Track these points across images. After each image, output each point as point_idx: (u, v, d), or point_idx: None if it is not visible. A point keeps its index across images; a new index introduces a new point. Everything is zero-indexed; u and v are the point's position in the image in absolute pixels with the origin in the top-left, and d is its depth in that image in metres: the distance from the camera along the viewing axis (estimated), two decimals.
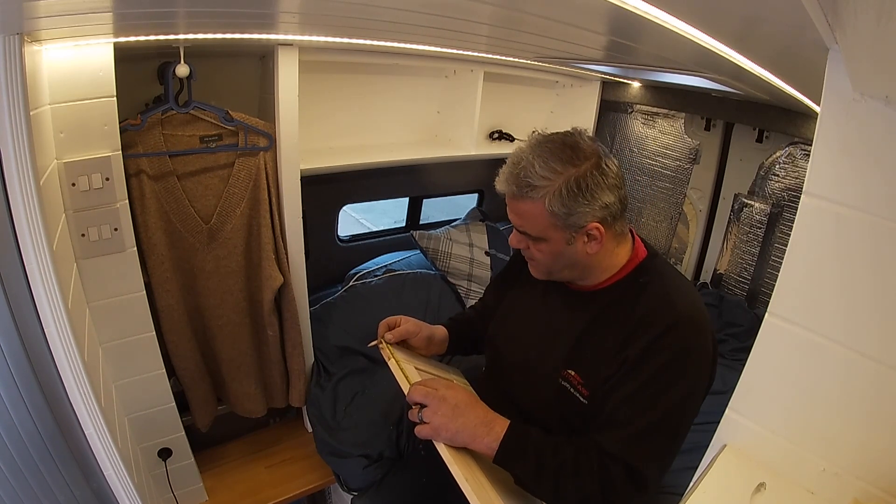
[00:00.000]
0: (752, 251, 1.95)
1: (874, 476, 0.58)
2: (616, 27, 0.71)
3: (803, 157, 1.77)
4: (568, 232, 0.87)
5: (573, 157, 0.85)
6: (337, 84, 1.64)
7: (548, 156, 0.85)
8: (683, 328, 0.85)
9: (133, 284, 1.13)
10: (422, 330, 1.15)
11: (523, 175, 0.85)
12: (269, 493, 1.47)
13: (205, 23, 0.87)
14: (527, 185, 0.85)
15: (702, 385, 0.88)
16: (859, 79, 0.49)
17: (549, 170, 0.84)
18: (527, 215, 0.88)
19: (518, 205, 0.88)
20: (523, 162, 0.86)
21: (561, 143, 0.86)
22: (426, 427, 0.84)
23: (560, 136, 0.88)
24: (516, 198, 0.88)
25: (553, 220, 0.86)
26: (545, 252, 0.91)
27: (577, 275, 0.96)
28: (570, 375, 0.94)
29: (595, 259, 0.92)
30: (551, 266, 0.94)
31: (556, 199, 0.84)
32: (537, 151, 0.86)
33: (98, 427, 0.88)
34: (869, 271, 0.55)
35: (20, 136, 0.71)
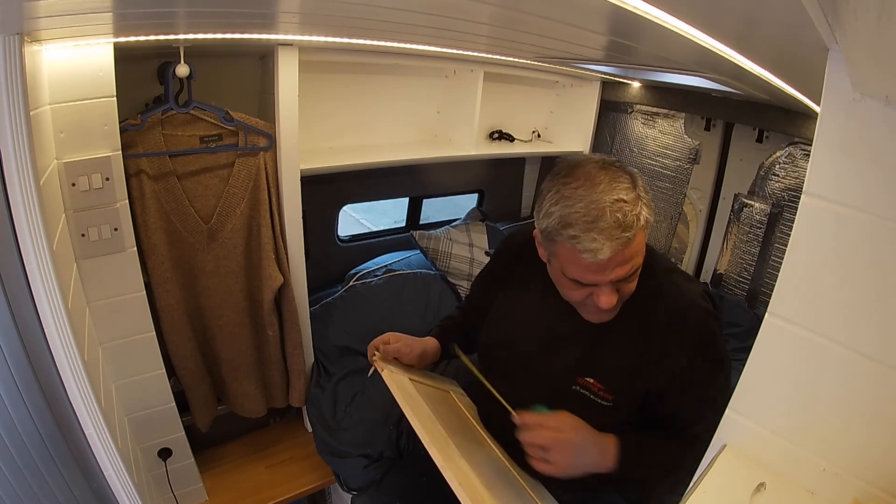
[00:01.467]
0: (752, 251, 1.95)
1: (874, 476, 0.58)
2: (616, 27, 0.70)
3: (803, 157, 1.77)
4: None
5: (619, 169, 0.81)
6: (337, 84, 1.64)
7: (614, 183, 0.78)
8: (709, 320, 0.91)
9: (133, 284, 1.13)
10: (413, 349, 1.12)
11: (622, 216, 0.76)
12: (269, 493, 1.47)
13: (205, 23, 0.87)
14: (634, 220, 0.76)
15: None
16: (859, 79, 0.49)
17: (629, 191, 0.78)
18: (638, 251, 0.80)
19: (630, 249, 0.78)
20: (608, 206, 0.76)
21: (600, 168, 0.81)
22: (550, 467, 0.84)
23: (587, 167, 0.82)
24: (629, 242, 0.77)
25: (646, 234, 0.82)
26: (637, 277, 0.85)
27: None
28: (588, 383, 0.93)
29: None
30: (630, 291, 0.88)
31: (647, 209, 0.80)
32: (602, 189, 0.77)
33: (98, 427, 0.88)
34: (869, 271, 0.55)
35: (20, 136, 0.71)
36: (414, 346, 1.13)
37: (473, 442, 1.07)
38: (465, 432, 1.08)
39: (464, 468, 0.88)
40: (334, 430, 1.44)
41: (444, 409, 1.11)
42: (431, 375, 1.25)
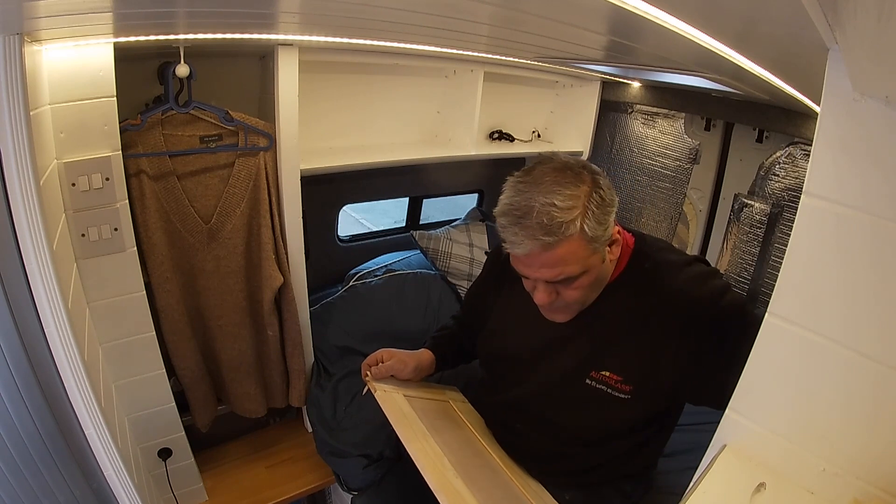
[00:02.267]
0: (752, 251, 1.95)
1: (874, 476, 0.58)
2: (616, 27, 0.70)
3: (803, 157, 1.77)
4: (602, 250, 0.84)
5: (575, 175, 0.80)
6: (337, 84, 1.64)
7: (556, 187, 0.78)
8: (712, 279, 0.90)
9: (133, 284, 1.13)
10: (407, 364, 1.11)
11: (548, 220, 0.76)
12: (269, 493, 1.47)
13: (205, 23, 0.87)
14: (559, 226, 0.77)
15: None
16: (859, 79, 0.49)
17: (567, 198, 0.78)
18: (566, 258, 0.80)
19: (552, 254, 0.79)
20: (536, 207, 0.77)
21: (553, 171, 0.81)
22: None
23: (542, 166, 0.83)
24: (551, 247, 0.78)
25: (592, 246, 0.81)
26: (583, 286, 0.85)
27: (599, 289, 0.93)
28: (603, 376, 0.93)
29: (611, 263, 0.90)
30: (586, 298, 0.89)
31: (591, 222, 0.79)
32: (540, 190, 0.78)
33: (98, 427, 0.88)
34: (869, 271, 0.55)
35: (20, 136, 0.71)
36: (408, 362, 1.12)
37: (472, 454, 1.06)
38: (464, 444, 1.07)
39: (460, 489, 0.89)
40: (334, 430, 1.44)
41: (441, 421, 1.10)
42: (429, 386, 1.24)
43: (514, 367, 1.08)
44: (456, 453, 0.98)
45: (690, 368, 0.89)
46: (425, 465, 0.91)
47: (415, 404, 1.09)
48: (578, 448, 1.01)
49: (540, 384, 1.02)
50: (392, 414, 1.02)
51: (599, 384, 0.94)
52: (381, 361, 1.12)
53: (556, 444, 1.03)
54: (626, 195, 2.32)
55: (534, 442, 1.05)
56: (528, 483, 1.06)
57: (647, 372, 0.90)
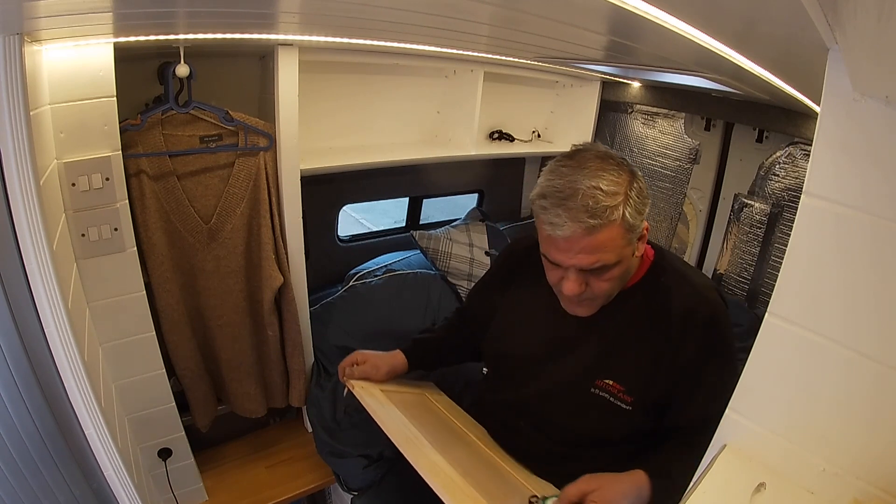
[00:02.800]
0: (752, 251, 1.95)
1: (874, 476, 0.58)
2: (616, 27, 0.70)
3: (803, 157, 1.77)
4: (634, 242, 0.84)
5: (618, 164, 0.81)
6: (337, 84, 1.64)
7: (601, 172, 0.78)
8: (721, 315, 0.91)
9: (133, 284, 1.13)
10: (380, 368, 1.13)
11: (593, 203, 0.76)
12: (269, 493, 1.47)
13: (205, 23, 0.87)
14: (604, 210, 0.76)
15: None
16: (859, 79, 0.49)
17: (614, 184, 0.78)
18: (606, 244, 0.79)
19: (593, 239, 0.78)
20: (582, 189, 0.77)
21: (597, 157, 0.81)
22: None
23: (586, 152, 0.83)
24: (594, 230, 0.77)
25: (629, 236, 0.81)
26: (614, 278, 0.84)
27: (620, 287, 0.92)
28: (607, 385, 0.93)
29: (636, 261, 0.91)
30: (613, 291, 0.88)
31: (631, 210, 0.80)
32: (586, 174, 0.78)
33: (98, 427, 0.88)
34: (869, 271, 0.55)
35: (20, 136, 0.71)
36: (380, 366, 1.13)
37: (451, 436, 1.09)
38: (442, 428, 1.10)
39: (437, 461, 0.92)
40: (334, 431, 1.44)
41: (419, 410, 1.14)
42: (405, 382, 1.27)
43: (518, 368, 1.08)
44: (434, 435, 1.02)
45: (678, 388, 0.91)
46: (403, 443, 0.95)
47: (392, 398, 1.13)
48: (580, 451, 1.00)
49: (544, 387, 1.02)
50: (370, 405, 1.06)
51: (603, 392, 0.93)
52: (357, 363, 1.13)
53: (557, 446, 1.03)
54: None
55: (534, 442, 1.05)
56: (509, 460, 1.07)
57: (647, 385, 0.91)
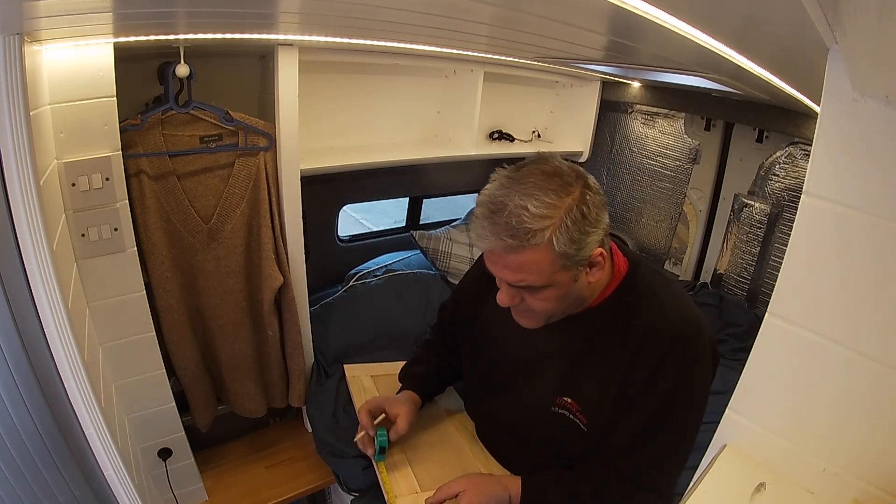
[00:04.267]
0: (752, 251, 1.95)
1: (874, 476, 0.58)
2: (616, 27, 0.70)
3: (803, 157, 1.77)
4: (575, 269, 0.78)
5: (563, 185, 0.75)
6: (337, 84, 1.64)
7: (536, 192, 0.74)
8: (684, 343, 0.82)
9: (133, 284, 1.13)
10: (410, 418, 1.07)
11: (517, 222, 0.73)
12: (269, 493, 1.47)
13: (205, 23, 0.87)
14: (526, 233, 0.73)
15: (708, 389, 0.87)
16: (859, 79, 0.49)
17: (544, 206, 0.73)
18: (528, 266, 0.76)
19: (515, 258, 0.76)
20: (509, 206, 0.74)
21: (541, 174, 0.76)
22: None
23: (534, 166, 0.78)
24: (513, 250, 0.75)
25: (562, 262, 0.76)
26: (550, 299, 0.81)
27: (575, 308, 0.88)
28: (566, 403, 0.91)
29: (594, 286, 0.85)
30: (553, 311, 0.85)
31: (563, 237, 0.74)
32: (520, 190, 0.74)
33: (98, 427, 0.88)
34: (869, 271, 0.55)
35: (20, 136, 0.71)
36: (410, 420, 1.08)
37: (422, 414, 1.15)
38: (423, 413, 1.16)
39: None
40: (334, 431, 1.44)
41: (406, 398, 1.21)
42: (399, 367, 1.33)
43: (490, 380, 1.07)
44: None
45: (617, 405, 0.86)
46: None
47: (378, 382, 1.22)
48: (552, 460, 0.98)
49: (512, 403, 1.02)
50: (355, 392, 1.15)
51: (562, 410, 0.92)
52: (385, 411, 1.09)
53: (532, 457, 1.02)
54: (626, 195, 2.32)
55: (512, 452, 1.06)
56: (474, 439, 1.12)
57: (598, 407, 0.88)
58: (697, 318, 0.86)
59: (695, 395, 0.84)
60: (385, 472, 1.03)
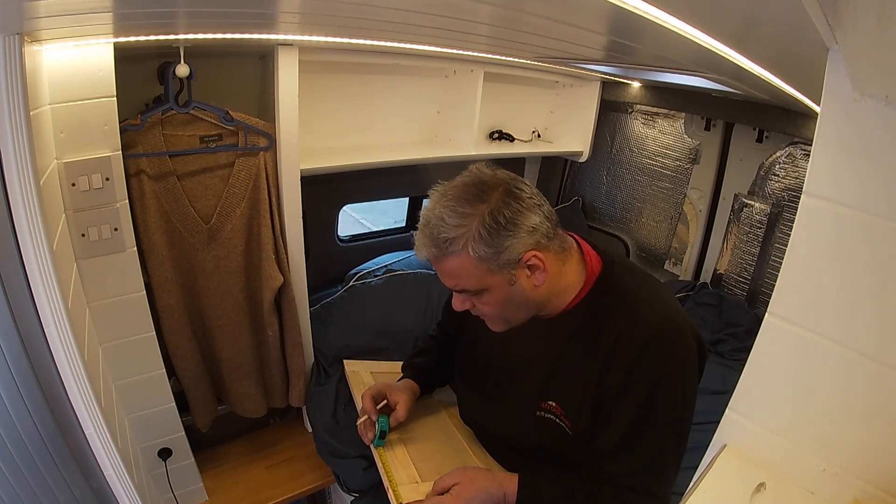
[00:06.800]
0: (752, 251, 1.95)
1: (874, 476, 0.58)
2: (616, 27, 0.71)
3: (803, 157, 1.77)
4: (506, 272, 0.81)
5: (479, 193, 0.79)
6: (337, 84, 1.64)
7: (453, 203, 0.79)
8: (660, 341, 0.82)
9: (133, 284, 1.13)
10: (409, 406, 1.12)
11: (437, 233, 0.79)
12: (269, 493, 1.47)
13: (205, 23, 0.87)
14: (444, 242, 0.79)
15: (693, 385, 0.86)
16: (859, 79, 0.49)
17: (459, 216, 0.78)
18: (457, 272, 0.82)
19: (444, 265, 0.82)
20: (433, 220, 0.80)
21: (462, 185, 0.82)
22: None
23: (461, 178, 0.84)
24: (439, 259, 0.81)
25: (486, 266, 0.80)
26: (492, 303, 0.85)
27: (535, 311, 0.89)
28: (550, 406, 0.92)
29: (545, 288, 0.85)
30: (505, 313, 0.88)
31: (478, 243, 0.78)
32: (442, 203, 0.80)
33: (98, 427, 0.88)
34: (869, 271, 0.55)
35: (20, 136, 0.71)
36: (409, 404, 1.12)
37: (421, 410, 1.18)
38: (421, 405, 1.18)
39: None
40: (334, 431, 1.44)
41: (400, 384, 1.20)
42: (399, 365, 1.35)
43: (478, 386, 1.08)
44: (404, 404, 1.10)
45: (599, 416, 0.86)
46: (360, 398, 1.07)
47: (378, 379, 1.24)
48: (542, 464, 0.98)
49: (498, 408, 1.02)
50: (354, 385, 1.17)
51: (548, 414, 0.92)
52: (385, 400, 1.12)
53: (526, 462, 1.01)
54: (626, 195, 2.32)
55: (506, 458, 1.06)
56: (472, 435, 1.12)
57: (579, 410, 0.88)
58: (674, 314, 0.86)
59: (677, 393, 0.83)
60: (385, 458, 1.04)
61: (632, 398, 0.82)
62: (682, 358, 0.84)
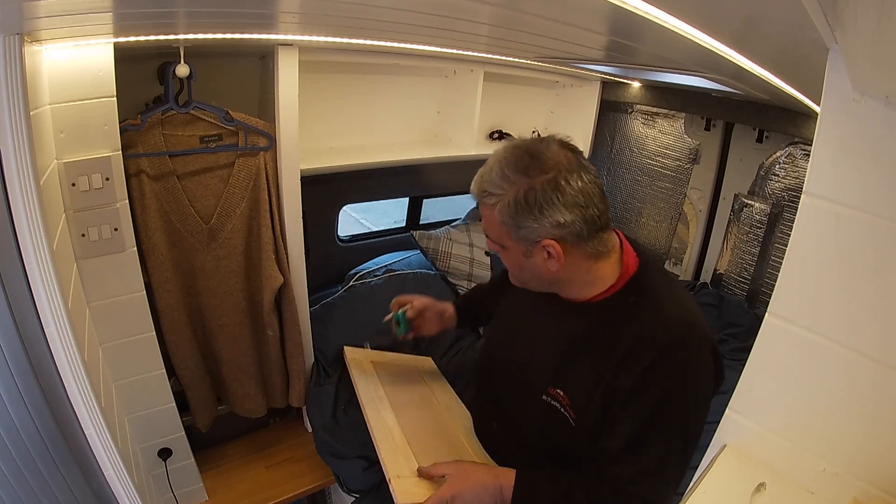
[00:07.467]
0: (752, 251, 1.95)
1: (874, 476, 0.58)
2: (616, 27, 0.71)
3: (803, 157, 1.77)
4: (523, 244, 0.84)
5: (529, 168, 0.80)
6: (337, 84, 1.64)
7: (506, 164, 0.82)
8: (678, 347, 0.81)
9: (133, 284, 1.13)
10: (435, 305, 1.25)
11: (484, 180, 0.84)
12: (269, 493, 1.47)
13: (205, 23, 0.87)
14: (484, 192, 0.84)
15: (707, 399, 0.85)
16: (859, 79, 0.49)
17: (503, 178, 0.81)
18: (487, 221, 0.87)
19: (480, 209, 0.88)
20: (488, 168, 0.84)
21: (524, 151, 0.82)
22: None
23: (529, 142, 0.84)
24: (478, 202, 0.88)
25: (506, 230, 0.84)
26: (509, 260, 0.90)
27: (550, 288, 0.91)
28: (557, 395, 0.92)
29: (563, 275, 0.86)
30: (519, 275, 0.92)
31: (504, 210, 0.81)
32: (501, 157, 0.83)
33: (98, 427, 0.88)
34: (869, 271, 0.55)
35: (20, 136, 0.71)
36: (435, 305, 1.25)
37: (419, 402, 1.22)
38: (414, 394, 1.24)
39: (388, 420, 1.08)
40: (334, 429, 1.44)
41: (400, 377, 1.30)
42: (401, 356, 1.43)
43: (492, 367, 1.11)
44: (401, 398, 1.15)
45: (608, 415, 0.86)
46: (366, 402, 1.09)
47: (378, 368, 1.26)
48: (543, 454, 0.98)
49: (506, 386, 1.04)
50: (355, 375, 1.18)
51: (553, 401, 0.92)
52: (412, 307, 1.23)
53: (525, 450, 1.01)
54: (626, 195, 2.32)
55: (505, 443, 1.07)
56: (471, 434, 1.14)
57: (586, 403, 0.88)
58: (697, 324, 0.86)
59: (689, 402, 0.82)
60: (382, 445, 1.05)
61: (643, 401, 0.82)
62: (698, 367, 0.83)
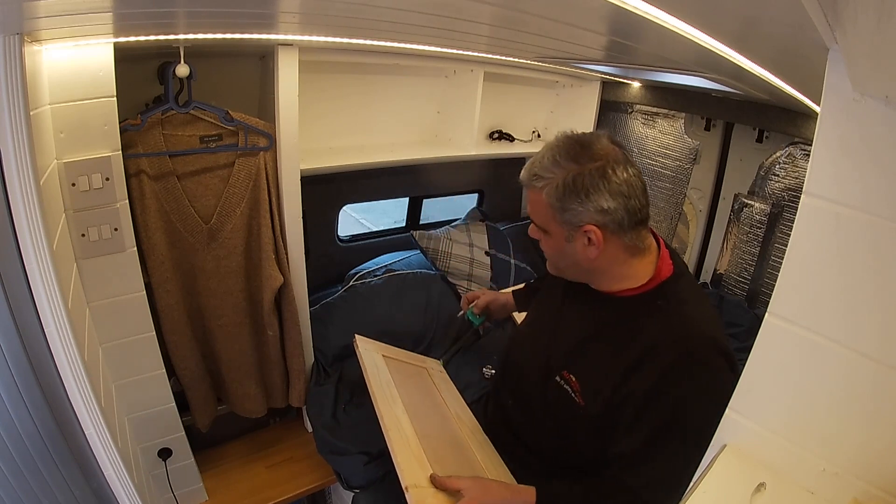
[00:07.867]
0: (752, 251, 1.95)
1: (874, 476, 0.58)
2: (616, 27, 0.71)
3: (803, 157, 1.77)
4: (566, 229, 0.88)
5: (579, 156, 0.86)
6: (337, 84, 1.64)
7: (558, 151, 0.87)
8: (695, 357, 0.83)
9: (133, 284, 1.13)
10: (497, 298, 1.37)
11: (535, 166, 0.89)
12: (269, 493, 1.47)
13: (205, 23, 0.87)
14: (534, 176, 0.89)
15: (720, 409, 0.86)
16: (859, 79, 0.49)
17: (554, 164, 0.86)
18: (533, 204, 0.91)
19: (528, 193, 0.92)
20: (540, 154, 0.90)
21: (576, 141, 0.88)
22: None
23: (581, 134, 0.90)
24: (527, 186, 0.91)
25: (552, 213, 0.88)
26: (549, 246, 0.94)
27: (585, 277, 0.96)
28: (570, 379, 0.94)
29: (598, 264, 0.90)
30: (558, 262, 0.97)
31: (553, 192, 0.86)
32: (553, 145, 0.89)
33: (98, 427, 0.88)
34: (869, 271, 0.55)
35: (20, 136, 0.71)
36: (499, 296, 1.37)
37: (431, 406, 1.20)
38: (425, 398, 1.22)
39: (402, 419, 1.05)
40: (334, 429, 1.44)
41: (411, 379, 1.27)
42: (412, 354, 1.41)
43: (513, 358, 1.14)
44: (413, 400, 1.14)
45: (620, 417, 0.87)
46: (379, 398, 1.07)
47: (390, 364, 1.25)
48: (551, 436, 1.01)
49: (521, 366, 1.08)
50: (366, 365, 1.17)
51: (565, 385, 0.95)
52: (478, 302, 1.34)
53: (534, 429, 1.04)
54: None
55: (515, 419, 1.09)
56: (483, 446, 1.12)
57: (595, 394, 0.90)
58: (719, 338, 0.88)
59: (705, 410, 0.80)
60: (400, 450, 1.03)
61: (659, 405, 0.83)
62: (714, 377, 0.83)
